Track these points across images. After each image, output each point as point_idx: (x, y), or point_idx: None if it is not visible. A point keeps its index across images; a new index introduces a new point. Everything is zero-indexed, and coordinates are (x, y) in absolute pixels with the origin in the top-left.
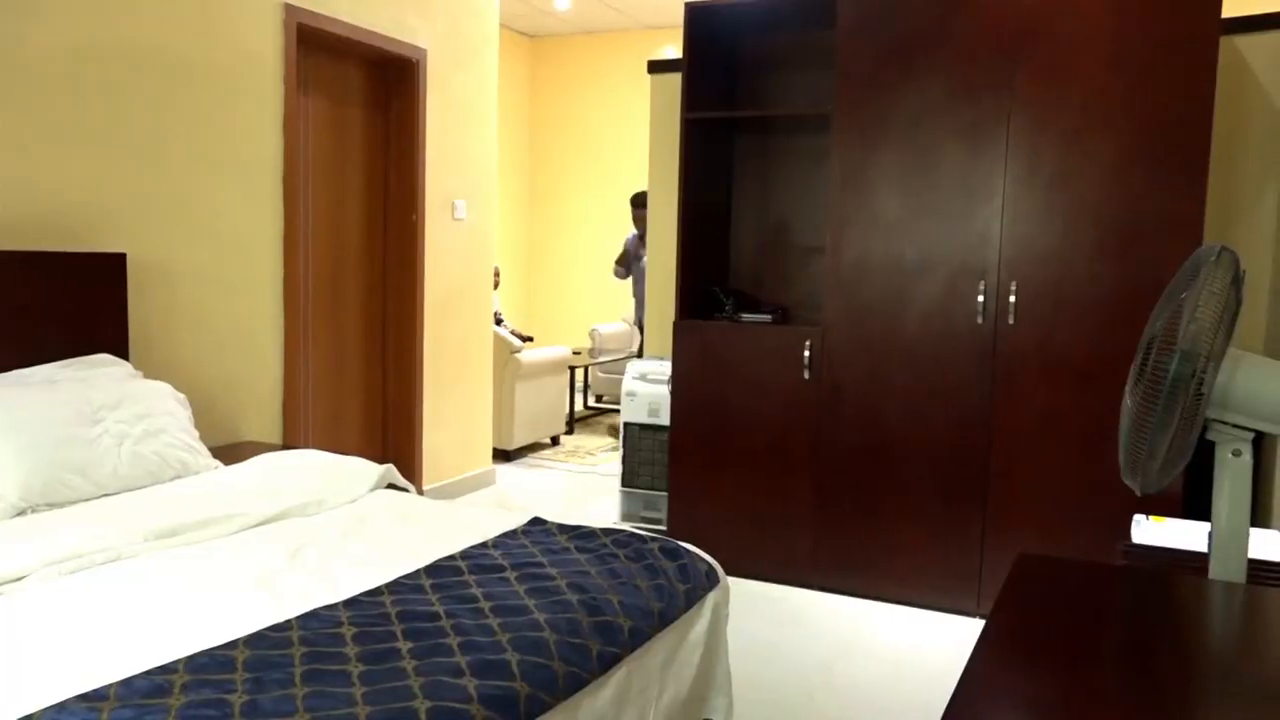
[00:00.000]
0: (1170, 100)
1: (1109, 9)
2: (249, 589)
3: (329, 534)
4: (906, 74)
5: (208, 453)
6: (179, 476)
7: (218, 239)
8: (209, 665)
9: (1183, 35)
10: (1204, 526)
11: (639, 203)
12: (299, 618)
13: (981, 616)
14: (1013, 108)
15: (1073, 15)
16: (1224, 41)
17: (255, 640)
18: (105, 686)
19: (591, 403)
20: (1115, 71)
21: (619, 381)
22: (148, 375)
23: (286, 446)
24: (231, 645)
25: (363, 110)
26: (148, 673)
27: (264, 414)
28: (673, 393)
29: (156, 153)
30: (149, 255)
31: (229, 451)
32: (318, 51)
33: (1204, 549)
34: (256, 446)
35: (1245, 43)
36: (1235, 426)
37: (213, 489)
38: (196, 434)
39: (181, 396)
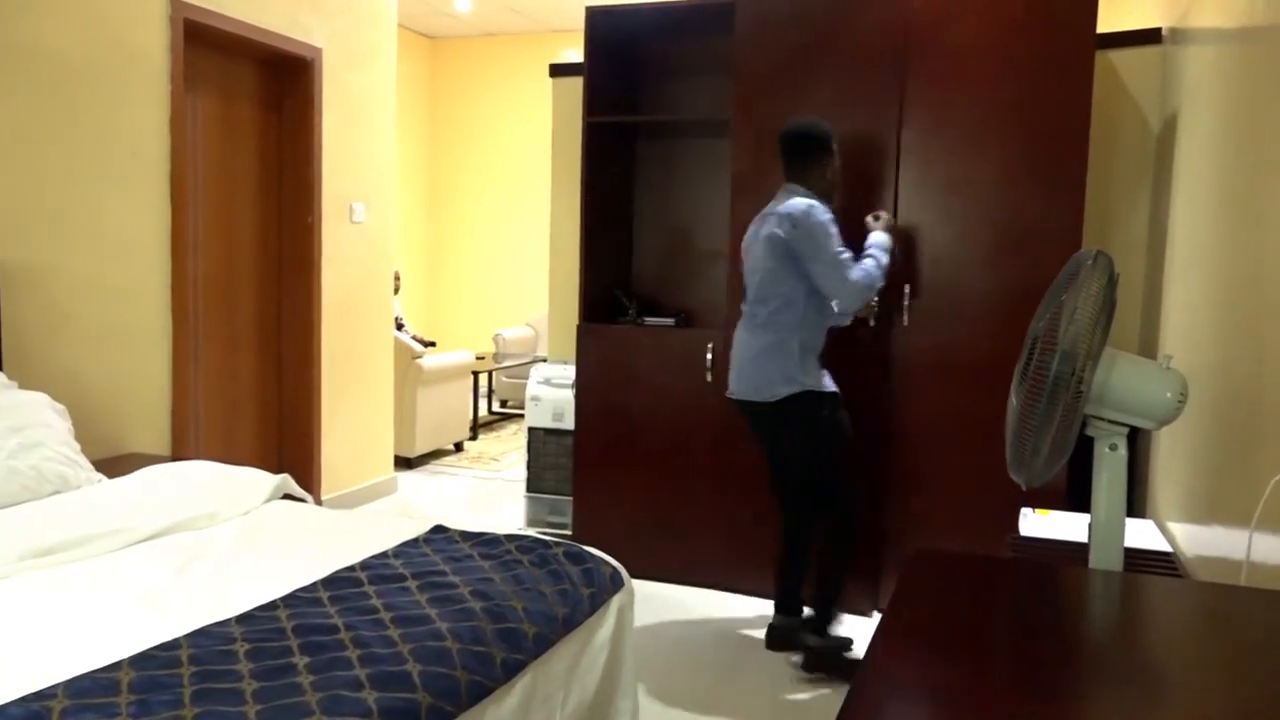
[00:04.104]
0: (1051, 112)
1: (994, 24)
2: (135, 607)
3: (221, 547)
4: (802, 81)
5: (90, 466)
6: (58, 491)
7: (99, 242)
8: (91, 688)
9: (1061, 50)
10: (1086, 518)
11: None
12: (188, 635)
13: (881, 613)
14: (904, 116)
15: (961, 28)
16: (1099, 56)
17: (141, 660)
18: None
19: (496, 408)
20: (1001, 83)
21: (524, 386)
22: (23, 385)
23: (176, 458)
24: (115, 667)
25: (255, 110)
26: (22, 699)
27: (151, 424)
28: (577, 397)
29: (31, 152)
30: (24, 259)
31: (113, 464)
32: (207, 49)
33: (1085, 539)
34: (143, 458)
35: (1118, 57)
36: (1111, 422)
37: (95, 503)
38: (77, 446)
39: (60, 407)
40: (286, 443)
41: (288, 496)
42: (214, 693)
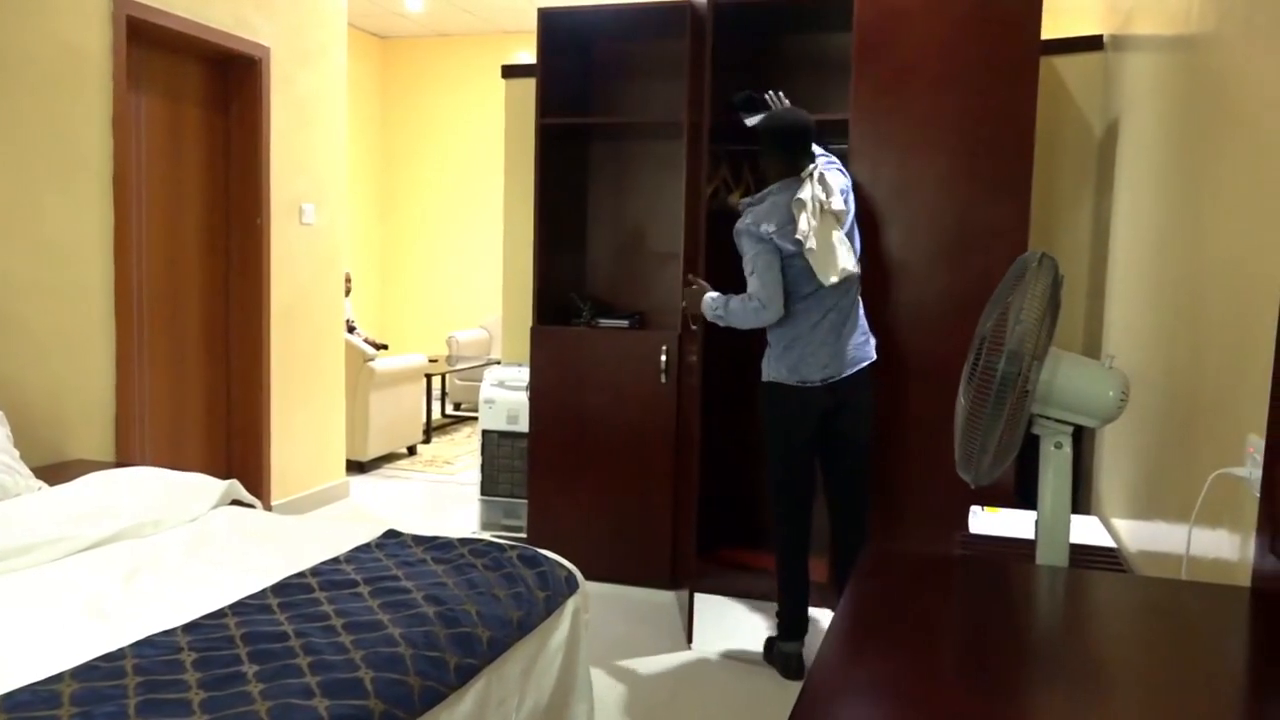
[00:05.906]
0: (998, 116)
1: (942, 31)
2: (78, 617)
3: (167, 555)
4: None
5: (29, 473)
6: None
7: (39, 244)
8: (30, 702)
9: (1007, 57)
10: (1033, 515)
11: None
12: (133, 645)
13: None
14: (852, 119)
15: (909, 36)
16: (1043, 62)
17: (84, 671)
18: None
19: (450, 411)
20: (948, 87)
21: (477, 389)
22: None
23: (120, 464)
24: (56, 678)
25: (201, 110)
26: None
27: (94, 430)
28: (531, 399)
29: None
30: None
31: (55, 471)
32: (151, 47)
33: (1033, 536)
34: (86, 465)
35: (1062, 63)
36: (1057, 421)
37: (36, 511)
38: (16, 453)
39: None
40: (235, 447)
41: (236, 502)
42: (160, 703)
